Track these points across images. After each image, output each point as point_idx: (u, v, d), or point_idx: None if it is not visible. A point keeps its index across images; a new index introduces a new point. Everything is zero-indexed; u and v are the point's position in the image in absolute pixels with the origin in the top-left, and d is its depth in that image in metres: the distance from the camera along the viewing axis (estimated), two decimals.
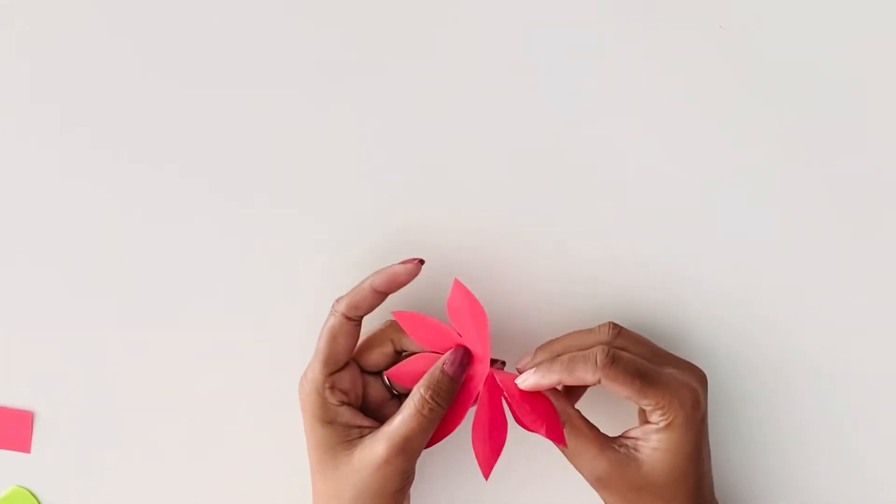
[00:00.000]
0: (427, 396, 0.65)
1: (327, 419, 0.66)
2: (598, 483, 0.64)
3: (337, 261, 0.73)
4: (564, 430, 0.64)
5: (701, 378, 0.66)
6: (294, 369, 0.71)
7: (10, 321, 0.73)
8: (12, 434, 0.73)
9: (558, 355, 0.65)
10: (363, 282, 0.67)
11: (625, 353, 0.64)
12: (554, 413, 0.64)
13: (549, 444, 0.65)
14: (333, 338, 0.67)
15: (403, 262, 0.67)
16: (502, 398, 0.65)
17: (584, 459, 0.64)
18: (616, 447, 0.64)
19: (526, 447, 0.69)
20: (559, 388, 0.66)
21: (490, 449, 0.65)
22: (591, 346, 0.65)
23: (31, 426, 0.73)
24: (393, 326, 0.68)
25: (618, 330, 0.66)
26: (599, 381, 0.63)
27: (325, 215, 0.73)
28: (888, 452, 0.72)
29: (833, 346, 0.73)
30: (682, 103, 0.73)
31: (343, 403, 0.66)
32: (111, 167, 0.73)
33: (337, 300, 0.67)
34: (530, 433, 0.64)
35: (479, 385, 0.66)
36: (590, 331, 0.67)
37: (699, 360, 0.69)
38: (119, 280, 0.73)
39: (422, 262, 0.67)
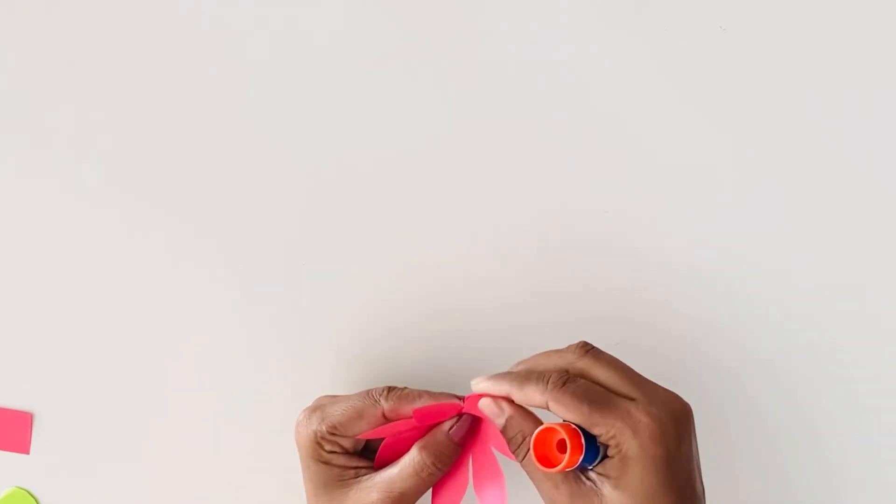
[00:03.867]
0: (429, 462, 0.64)
1: (322, 460, 0.66)
2: None
3: (333, 264, 0.73)
4: (529, 453, 0.60)
5: (674, 409, 0.60)
6: (294, 369, 0.71)
7: (9, 322, 0.73)
8: (12, 435, 0.72)
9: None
10: (417, 399, 0.65)
11: (581, 379, 0.60)
12: (501, 486, 0.63)
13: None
14: (359, 417, 0.65)
15: (455, 397, 0.65)
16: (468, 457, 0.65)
17: (546, 489, 0.61)
18: (582, 480, 0.60)
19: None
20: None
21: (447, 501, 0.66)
22: (557, 366, 0.62)
23: (31, 427, 0.73)
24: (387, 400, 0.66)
25: (586, 349, 0.62)
26: (548, 405, 0.60)
27: (318, 223, 0.73)
28: (890, 452, 0.73)
29: (832, 348, 0.73)
30: (682, 104, 0.73)
31: (339, 453, 0.66)
32: (105, 170, 0.73)
33: (386, 393, 0.65)
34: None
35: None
36: (560, 350, 0.63)
37: (686, 375, 0.69)
38: (119, 280, 0.73)
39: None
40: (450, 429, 0.65)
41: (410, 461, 0.64)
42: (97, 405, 0.73)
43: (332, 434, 0.65)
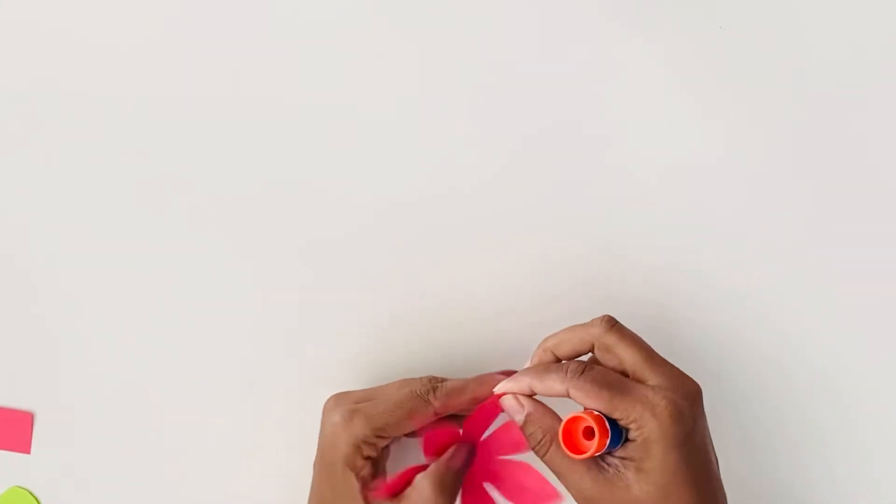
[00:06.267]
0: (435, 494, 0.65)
1: (356, 468, 0.64)
2: (584, 500, 0.62)
3: (333, 263, 0.73)
4: (551, 448, 0.62)
5: (688, 390, 0.62)
6: (294, 370, 0.71)
7: (10, 322, 0.73)
8: (12, 435, 0.72)
9: (552, 351, 0.65)
10: (465, 389, 0.66)
11: (598, 366, 0.63)
12: (545, 484, 0.65)
13: None
14: (410, 417, 0.65)
15: (502, 374, 0.66)
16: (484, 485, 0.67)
17: (571, 479, 0.62)
18: (604, 466, 0.62)
19: None
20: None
21: None
22: (583, 340, 0.64)
23: (31, 427, 0.73)
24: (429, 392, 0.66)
25: (612, 323, 0.64)
26: (568, 393, 0.62)
27: (318, 218, 0.73)
28: (890, 451, 0.73)
29: (834, 346, 0.73)
30: (682, 104, 0.73)
31: (371, 460, 0.65)
32: (103, 169, 0.73)
33: (431, 388, 0.66)
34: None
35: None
36: (585, 325, 0.65)
37: (695, 360, 0.69)
38: (119, 280, 0.73)
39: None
40: (449, 458, 0.66)
41: (419, 497, 0.64)
42: (97, 405, 0.73)
43: (379, 436, 0.64)
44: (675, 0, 0.73)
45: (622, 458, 0.61)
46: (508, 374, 0.66)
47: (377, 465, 0.65)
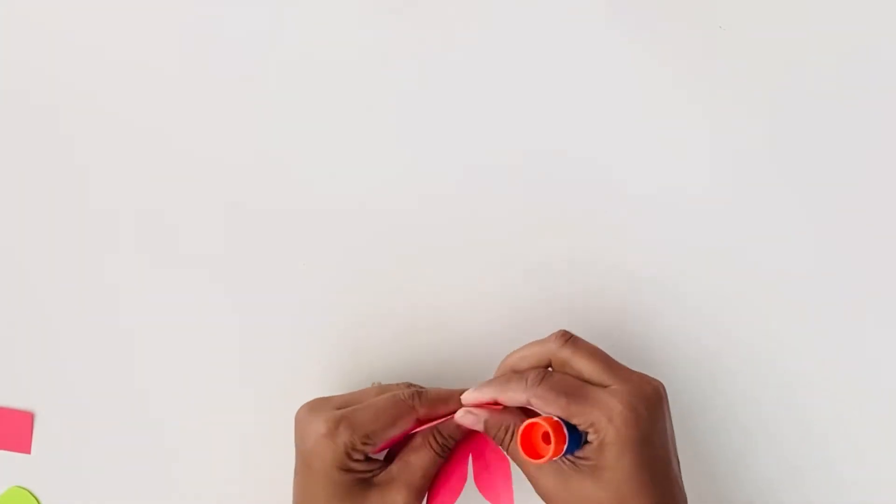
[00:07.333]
0: (437, 440, 0.67)
1: (347, 468, 0.65)
2: (547, 497, 0.64)
3: (333, 262, 0.73)
4: (512, 442, 0.65)
5: (647, 393, 0.63)
6: (294, 370, 0.71)
7: (10, 322, 0.73)
8: (12, 435, 0.73)
9: (512, 368, 0.66)
10: (449, 398, 0.67)
11: (556, 374, 0.64)
12: (507, 483, 0.67)
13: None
14: (393, 424, 0.66)
15: (470, 413, 0.66)
16: (468, 455, 0.68)
17: (533, 474, 0.64)
18: (564, 466, 0.63)
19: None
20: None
21: (443, 499, 0.68)
22: (541, 355, 0.65)
23: (32, 427, 0.73)
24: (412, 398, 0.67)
25: (567, 338, 0.65)
26: (529, 402, 0.64)
27: (316, 222, 0.73)
28: (877, 453, 0.73)
29: (813, 346, 0.73)
30: (681, 103, 0.73)
31: (363, 459, 0.66)
32: (102, 172, 0.73)
33: (417, 394, 0.66)
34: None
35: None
36: (542, 341, 0.66)
37: (662, 365, 0.70)
38: (118, 280, 0.73)
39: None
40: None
41: (420, 437, 0.67)
42: (97, 405, 0.73)
43: (365, 444, 0.65)
44: (675, 0, 0.73)
45: (580, 459, 0.63)
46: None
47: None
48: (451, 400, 0.67)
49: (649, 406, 0.63)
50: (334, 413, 0.65)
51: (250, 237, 0.73)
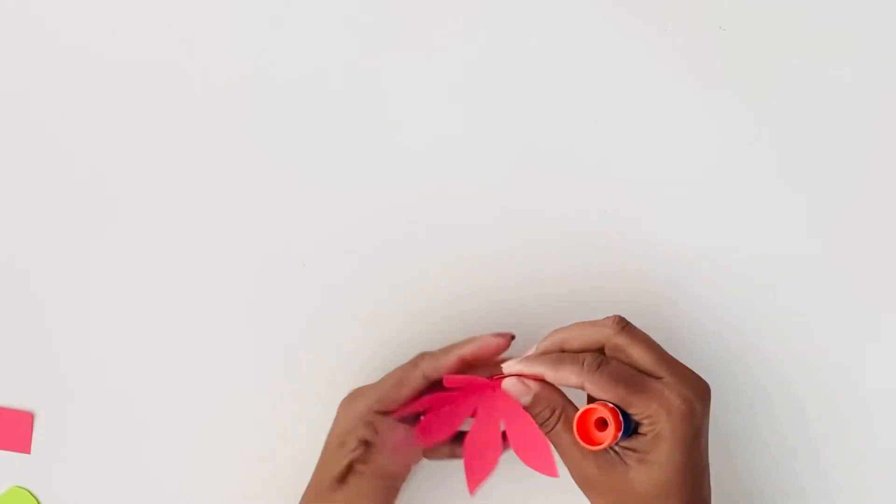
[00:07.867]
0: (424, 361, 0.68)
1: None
2: (584, 484, 0.63)
3: (335, 263, 0.73)
4: (557, 425, 0.63)
5: (700, 390, 0.63)
6: (297, 370, 0.71)
7: (10, 322, 0.73)
8: (12, 435, 0.73)
9: (561, 346, 0.65)
10: (451, 349, 0.67)
11: (614, 360, 0.63)
12: (546, 446, 0.65)
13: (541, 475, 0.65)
14: (400, 385, 0.67)
15: (496, 336, 0.67)
16: (500, 421, 0.66)
17: (573, 458, 0.63)
18: (608, 451, 0.62)
19: (517, 469, 0.68)
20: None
21: (479, 466, 0.66)
22: (594, 339, 0.64)
23: (31, 427, 0.73)
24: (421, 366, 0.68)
25: (623, 324, 0.64)
26: (583, 386, 0.62)
27: (317, 223, 0.73)
28: (890, 451, 0.72)
29: (838, 346, 0.73)
30: (682, 103, 0.73)
31: (365, 444, 0.67)
32: (102, 171, 0.74)
33: (421, 356, 0.68)
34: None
35: (481, 398, 0.67)
36: (595, 322, 0.64)
37: (704, 359, 0.69)
38: (118, 280, 0.73)
39: (513, 336, 0.67)
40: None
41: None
42: (97, 405, 0.73)
43: (376, 412, 0.67)
44: (675, 0, 0.73)
45: (627, 448, 0.62)
46: (501, 336, 0.67)
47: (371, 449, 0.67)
48: (451, 350, 0.67)
49: (702, 402, 0.62)
50: (355, 390, 0.68)
51: (250, 237, 0.73)
